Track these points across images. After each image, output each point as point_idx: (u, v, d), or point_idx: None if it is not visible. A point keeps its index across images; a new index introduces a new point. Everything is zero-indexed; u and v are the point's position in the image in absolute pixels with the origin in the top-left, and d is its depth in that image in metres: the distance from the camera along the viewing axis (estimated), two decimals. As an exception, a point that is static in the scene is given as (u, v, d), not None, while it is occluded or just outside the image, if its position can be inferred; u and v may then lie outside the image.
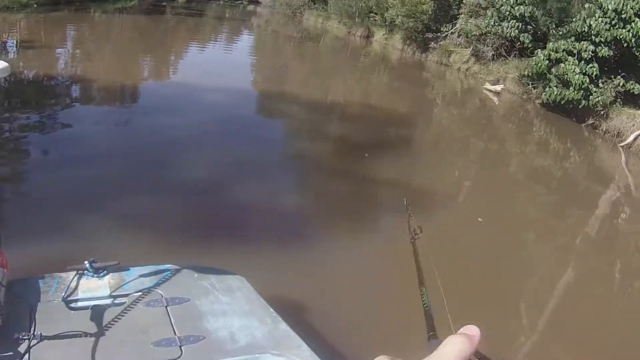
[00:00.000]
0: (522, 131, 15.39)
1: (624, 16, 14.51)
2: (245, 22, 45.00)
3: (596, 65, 14.93)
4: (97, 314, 2.52)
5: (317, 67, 23.95)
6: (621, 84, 15.05)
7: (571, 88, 14.93)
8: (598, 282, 6.92)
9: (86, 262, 2.83)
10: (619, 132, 14.20)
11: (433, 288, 1.45)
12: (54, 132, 9.11)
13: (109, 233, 5.60)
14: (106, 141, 8.85)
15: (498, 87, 19.59)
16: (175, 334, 2.48)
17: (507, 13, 19.87)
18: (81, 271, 2.83)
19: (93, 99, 11.90)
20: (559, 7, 18.83)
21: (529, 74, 17.64)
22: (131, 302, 2.65)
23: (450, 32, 26.69)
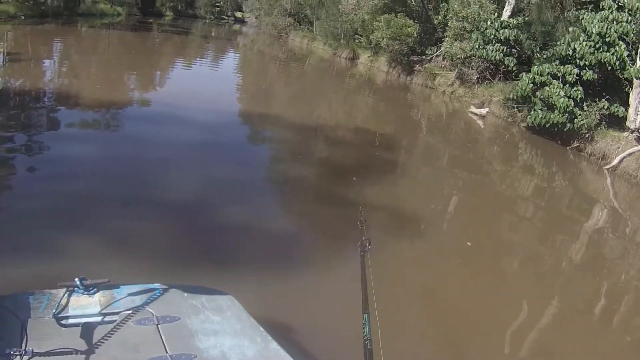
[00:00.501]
0: (507, 154, 15.30)
1: (607, 40, 14.58)
2: (231, 41, 45.13)
3: (581, 88, 14.95)
4: (88, 331, 2.53)
5: (302, 88, 23.88)
6: (605, 106, 15.08)
7: (556, 111, 14.91)
8: (582, 308, 6.71)
9: (76, 280, 2.84)
10: (604, 155, 14.16)
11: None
12: (39, 148, 8.76)
13: (95, 252, 5.38)
14: (91, 159, 8.54)
15: (483, 111, 19.60)
16: (167, 352, 2.48)
17: (491, 36, 19.99)
18: (71, 288, 2.83)
19: (78, 114, 11.56)
20: (543, 30, 18.96)
21: (514, 97, 17.66)
22: (122, 319, 2.66)
23: (435, 55, 26.85)
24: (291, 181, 9.52)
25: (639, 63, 14.06)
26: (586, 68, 14.99)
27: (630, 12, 14.60)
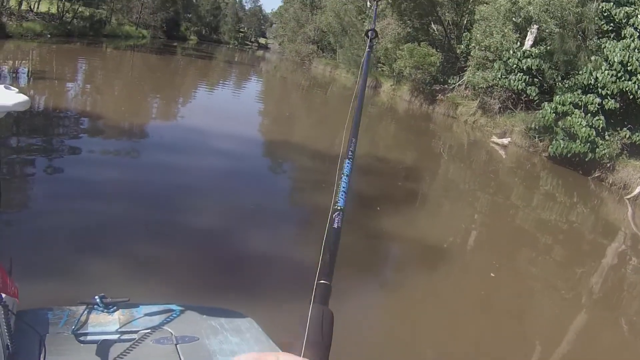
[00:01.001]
0: (529, 185, 15.17)
1: (629, 68, 14.49)
2: (254, 67, 45.48)
3: (602, 117, 14.83)
4: (106, 348, 2.53)
5: (325, 115, 24.00)
6: (627, 135, 14.93)
7: (578, 141, 14.80)
8: (604, 339, 6.62)
9: (96, 297, 2.86)
10: (625, 185, 13.99)
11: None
12: (63, 167, 8.92)
13: (115, 273, 5.40)
14: (114, 180, 8.58)
15: (505, 140, 19.51)
16: None
17: (514, 66, 19.98)
18: (91, 305, 2.85)
19: (101, 135, 11.71)
20: (565, 60, 18.89)
21: (536, 126, 17.59)
22: (140, 338, 2.65)
23: (457, 84, 26.88)
24: (316, 211, 9.38)
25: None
26: (608, 97, 14.88)
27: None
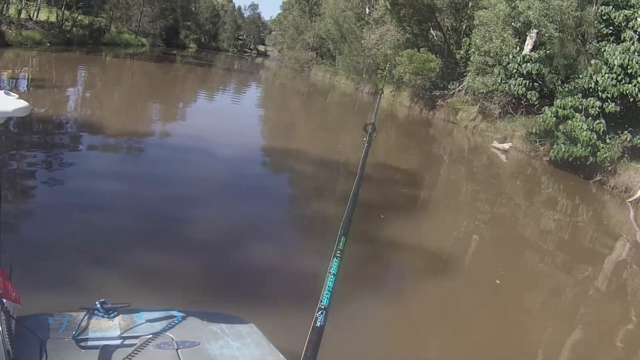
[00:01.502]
0: (530, 189, 15.11)
1: (629, 71, 14.45)
2: (253, 74, 45.51)
3: (603, 121, 14.77)
4: (107, 353, 2.51)
5: (325, 122, 23.96)
6: (628, 138, 14.87)
7: (579, 145, 14.75)
8: (611, 345, 6.54)
9: (97, 303, 2.85)
10: (626, 188, 13.95)
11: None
12: (62, 177, 8.86)
13: (116, 283, 5.33)
14: (114, 189, 8.49)
15: (506, 145, 19.46)
16: None
17: (514, 71, 19.96)
18: (92, 311, 2.84)
19: (101, 144, 11.66)
20: (565, 64, 18.87)
21: (537, 131, 17.55)
22: (141, 343, 2.64)
23: (457, 90, 26.85)
24: (319, 219, 9.25)
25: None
26: (608, 100, 14.82)
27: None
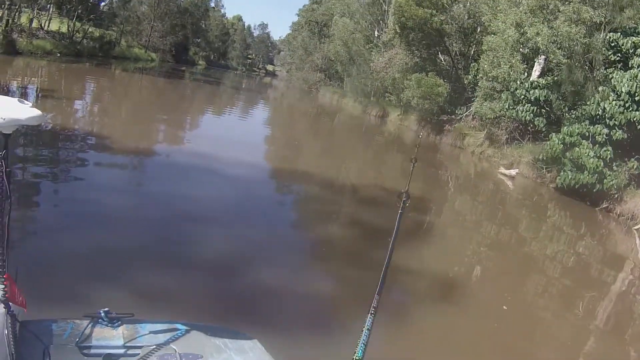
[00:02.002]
0: (537, 216, 14.95)
1: (637, 98, 14.38)
2: (261, 93, 45.66)
3: (610, 148, 14.68)
4: None
5: (332, 145, 23.91)
6: (635, 166, 14.75)
7: (586, 172, 14.63)
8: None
9: (101, 311, 2.85)
10: (633, 215, 13.82)
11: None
12: (67, 190, 8.81)
13: (121, 300, 5.23)
14: (119, 206, 8.40)
15: (513, 172, 19.35)
16: None
17: (521, 97, 19.90)
18: (96, 319, 2.84)
19: (107, 159, 11.56)
20: (572, 90, 18.82)
21: (544, 157, 17.44)
22: (144, 354, 2.65)
23: (465, 115, 26.81)
24: (325, 242, 9.15)
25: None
26: (615, 127, 14.74)
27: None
